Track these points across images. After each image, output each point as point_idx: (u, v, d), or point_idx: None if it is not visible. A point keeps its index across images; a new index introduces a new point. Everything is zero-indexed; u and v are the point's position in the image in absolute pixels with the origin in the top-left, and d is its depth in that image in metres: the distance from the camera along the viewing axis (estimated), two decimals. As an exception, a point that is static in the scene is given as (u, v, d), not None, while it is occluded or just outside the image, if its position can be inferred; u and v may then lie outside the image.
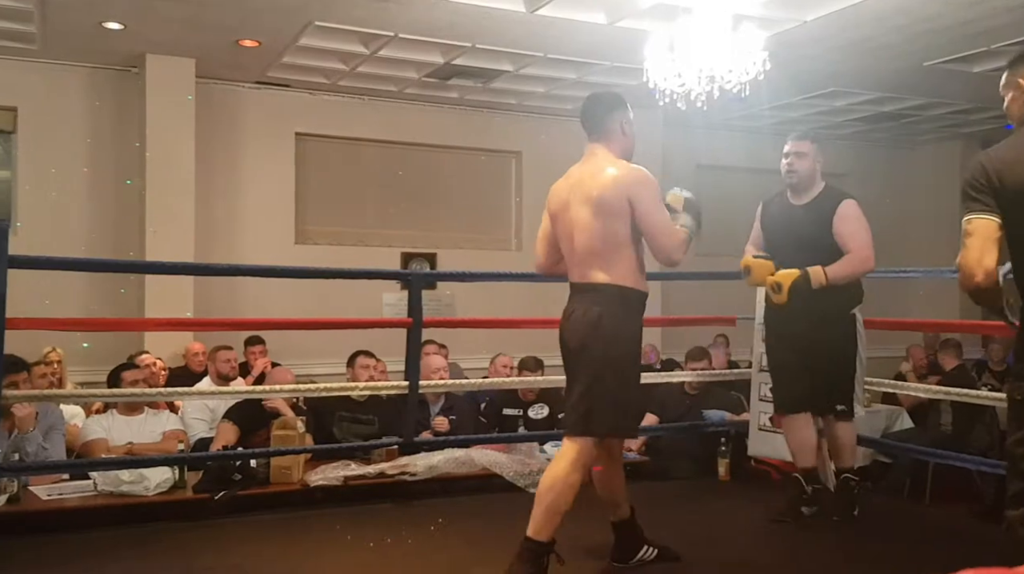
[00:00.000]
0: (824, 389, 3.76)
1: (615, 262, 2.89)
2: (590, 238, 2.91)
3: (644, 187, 2.89)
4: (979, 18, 5.08)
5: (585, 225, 2.91)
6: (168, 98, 6.28)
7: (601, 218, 2.87)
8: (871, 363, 7.25)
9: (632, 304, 2.94)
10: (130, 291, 6.26)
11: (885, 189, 9.21)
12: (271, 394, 4.32)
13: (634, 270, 2.93)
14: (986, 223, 2.17)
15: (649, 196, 2.89)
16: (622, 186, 2.87)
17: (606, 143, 2.98)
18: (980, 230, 2.17)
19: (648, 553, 3.16)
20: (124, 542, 3.43)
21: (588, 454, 2.89)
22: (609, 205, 2.86)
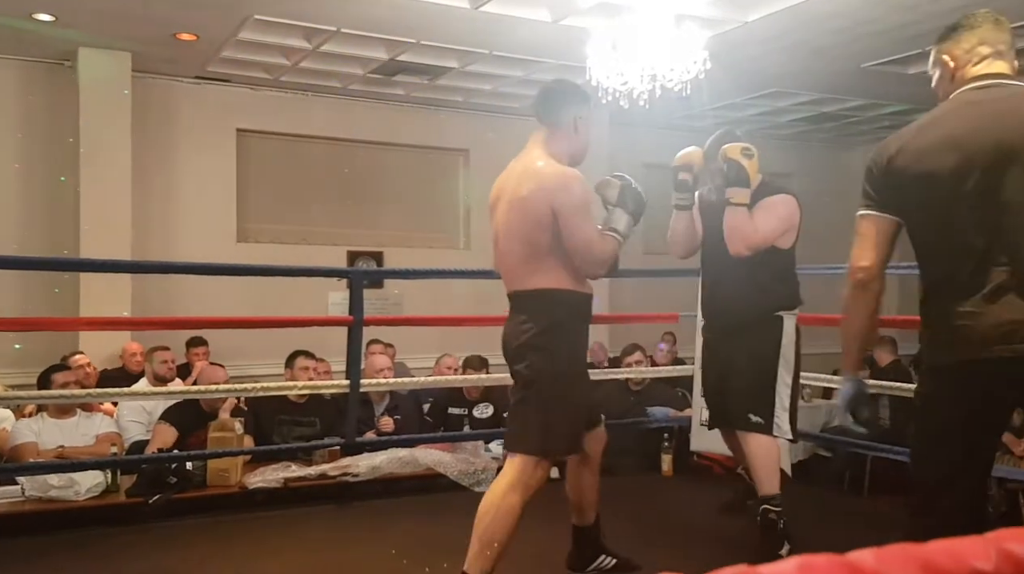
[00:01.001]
0: (737, 398, 3.40)
1: (548, 266, 2.66)
2: (517, 242, 2.68)
3: (569, 195, 2.61)
4: (914, 21, 5.18)
5: (511, 229, 2.69)
6: (103, 93, 6.12)
7: (526, 223, 2.64)
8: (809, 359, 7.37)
9: (573, 309, 2.72)
10: (65, 290, 6.08)
11: (826, 188, 9.36)
12: (207, 395, 4.22)
13: (571, 271, 2.69)
14: (874, 221, 2.07)
15: (573, 205, 2.60)
16: (545, 192, 2.61)
17: (551, 136, 2.73)
18: (866, 229, 2.09)
19: (606, 562, 3.03)
20: (54, 549, 3.33)
21: (529, 474, 2.62)
22: (532, 212, 2.62)
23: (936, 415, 2.03)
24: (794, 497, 4.42)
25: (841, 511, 4.36)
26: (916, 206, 2.02)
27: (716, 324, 3.52)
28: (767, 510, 3.27)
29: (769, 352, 3.36)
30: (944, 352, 2.00)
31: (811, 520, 3.98)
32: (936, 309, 2.03)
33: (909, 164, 2.00)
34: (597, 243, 2.68)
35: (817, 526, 3.89)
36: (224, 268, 5.05)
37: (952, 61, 2.09)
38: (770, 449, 3.33)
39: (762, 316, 3.36)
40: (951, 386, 2.00)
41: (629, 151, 7.98)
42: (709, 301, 3.57)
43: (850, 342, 2.17)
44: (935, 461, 2.02)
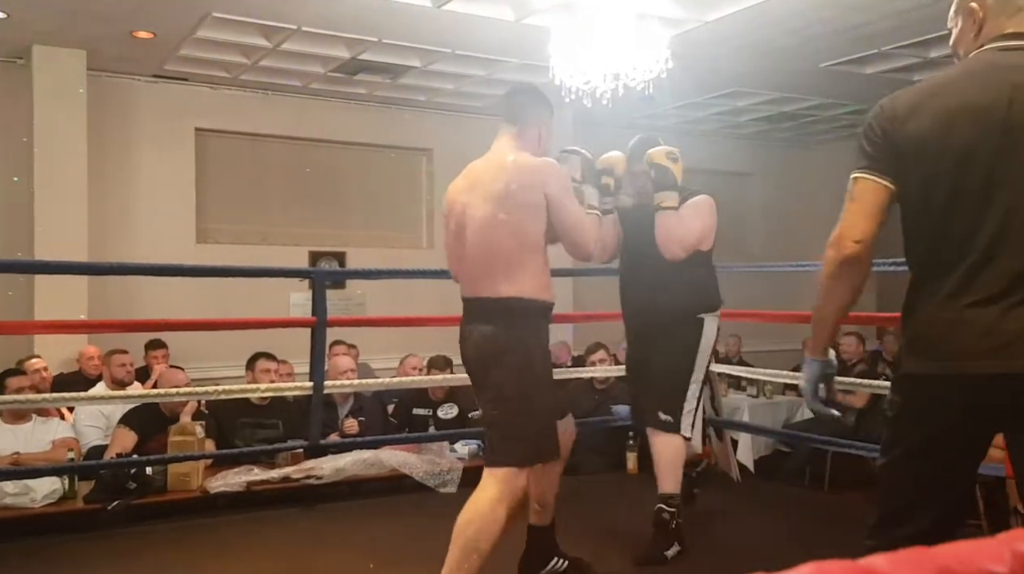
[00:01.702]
0: (650, 396, 3.41)
1: (519, 271, 2.59)
2: (492, 241, 2.59)
3: (557, 179, 2.64)
4: (870, 21, 5.26)
5: (486, 226, 2.59)
6: (57, 91, 5.99)
7: (508, 216, 2.55)
8: (770, 356, 7.46)
9: (538, 319, 2.67)
10: (18, 293, 5.94)
11: (786, 187, 9.51)
12: (167, 398, 4.15)
13: (540, 278, 2.64)
14: (872, 186, 1.79)
15: (563, 187, 2.65)
16: (536, 176, 2.59)
17: (518, 136, 2.70)
18: (862, 193, 1.80)
19: (559, 564, 2.99)
20: (8, 557, 3.27)
21: (511, 485, 2.58)
22: (519, 200, 2.56)
23: (910, 430, 1.81)
24: (756, 492, 4.50)
25: (803, 506, 4.41)
26: (918, 180, 1.75)
27: (637, 325, 3.50)
28: (662, 509, 3.27)
29: (687, 353, 3.36)
30: (923, 359, 1.77)
31: (774, 516, 4.04)
32: (920, 306, 1.79)
33: (919, 130, 1.73)
34: (587, 222, 2.73)
35: (780, 521, 3.94)
36: (183, 269, 4.96)
37: (981, 10, 1.80)
38: (677, 449, 3.34)
39: (684, 317, 3.36)
40: (929, 398, 1.76)
41: (592, 150, 8.00)
42: (631, 303, 3.52)
43: (825, 323, 1.90)
44: (908, 477, 1.82)
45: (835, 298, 1.86)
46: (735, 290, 5.20)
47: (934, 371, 1.74)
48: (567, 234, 2.65)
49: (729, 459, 4.56)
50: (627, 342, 3.65)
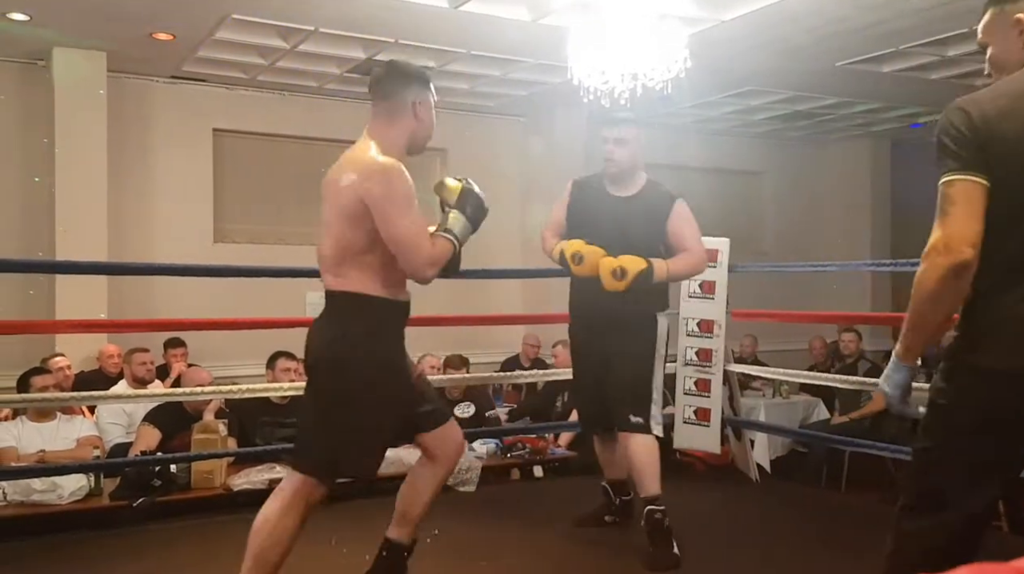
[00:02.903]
0: (617, 399, 3.33)
1: (358, 266, 2.40)
2: (331, 236, 2.42)
3: (383, 183, 2.34)
4: (888, 19, 5.26)
5: (328, 221, 2.43)
6: (78, 93, 6.04)
7: (340, 218, 2.38)
8: (784, 356, 7.46)
9: (379, 318, 2.45)
10: (39, 292, 6.01)
11: (799, 186, 9.50)
12: (191, 397, 4.20)
13: (378, 274, 2.42)
14: (972, 187, 1.75)
15: (388, 196, 2.33)
16: (358, 181, 2.35)
17: (388, 120, 2.49)
18: (965, 194, 1.75)
19: None
20: (37, 553, 3.31)
21: (305, 494, 2.43)
22: (346, 204, 2.36)
23: (970, 420, 1.82)
24: (773, 492, 4.51)
25: (819, 506, 4.42)
26: (1013, 179, 1.76)
27: (591, 323, 3.41)
28: (652, 511, 3.22)
29: (647, 352, 3.33)
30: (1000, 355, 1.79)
31: (789, 516, 4.05)
32: (998, 301, 1.79)
33: (1015, 131, 1.76)
34: (421, 239, 2.40)
35: (795, 521, 3.95)
36: (205, 270, 5.01)
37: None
38: (652, 449, 3.29)
39: (639, 316, 3.32)
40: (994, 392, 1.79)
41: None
42: (582, 301, 3.44)
43: (927, 330, 1.85)
44: (960, 467, 1.84)
45: (945, 305, 1.80)
46: (749, 290, 5.25)
47: (1012, 366, 1.77)
48: (393, 248, 2.38)
49: (747, 459, 4.58)
50: (576, 340, 3.54)
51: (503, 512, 3.78)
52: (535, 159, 7.65)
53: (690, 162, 8.59)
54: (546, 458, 4.76)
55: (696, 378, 4.43)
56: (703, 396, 4.40)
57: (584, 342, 3.47)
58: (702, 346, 4.41)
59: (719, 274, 4.39)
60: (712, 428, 4.36)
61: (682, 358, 4.50)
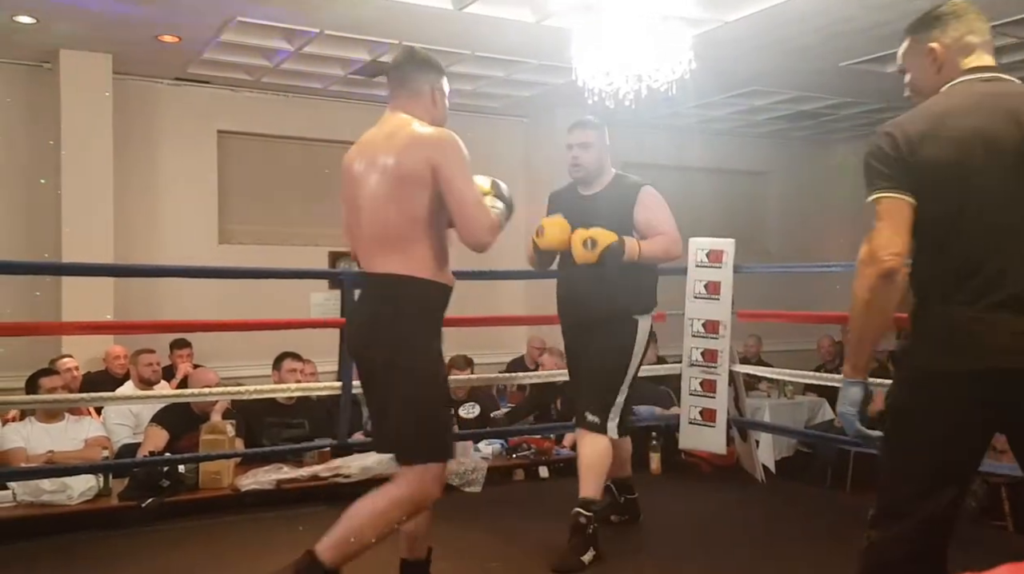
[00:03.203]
0: (582, 395, 3.34)
1: (411, 246, 2.37)
2: (380, 212, 2.38)
3: (452, 150, 2.37)
4: (892, 20, 5.25)
5: (375, 195, 2.39)
6: (84, 95, 6.06)
7: (396, 186, 2.35)
8: (788, 357, 7.46)
9: (433, 302, 2.45)
10: (45, 293, 6.03)
11: (803, 186, 9.51)
12: (200, 397, 4.22)
13: (435, 257, 2.41)
14: (898, 203, 1.87)
15: (457, 162, 2.36)
16: (423, 146, 2.36)
17: (410, 105, 2.50)
18: (891, 211, 1.87)
19: None
20: (47, 553, 3.33)
21: (429, 485, 2.39)
22: (407, 169, 2.35)
23: (923, 425, 1.87)
24: (778, 493, 4.52)
25: (825, 507, 4.42)
26: (942, 196, 1.87)
27: (573, 322, 3.42)
28: (579, 513, 3.16)
29: (622, 353, 3.29)
30: (947, 357, 1.85)
31: (795, 516, 4.06)
32: (942, 309, 1.87)
33: (939, 153, 1.86)
34: (484, 205, 2.44)
35: (801, 522, 3.96)
36: (210, 271, 5.03)
37: (941, 49, 1.98)
38: (601, 451, 3.23)
39: (617, 316, 3.29)
40: (945, 394, 1.85)
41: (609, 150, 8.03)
42: (566, 300, 3.44)
43: (865, 342, 1.94)
44: (914, 473, 1.88)
45: (877, 314, 1.89)
46: (752, 290, 5.26)
47: (958, 367, 1.83)
48: (457, 213, 2.37)
49: (753, 460, 4.59)
50: (564, 339, 3.54)
51: (511, 512, 3.79)
52: (538, 160, 7.66)
53: (694, 163, 8.60)
54: (551, 458, 4.77)
55: (702, 379, 4.44)
56: (709, 397, 4.41)
57: (569, 340, 3.48)
58: (708, 347, 4.42)
59: (724, 275, 4.41)
60: (718, 429, 4.37)
61: (687, 359, 4.51)
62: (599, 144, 3.40)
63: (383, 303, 2.41)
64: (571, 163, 3.40)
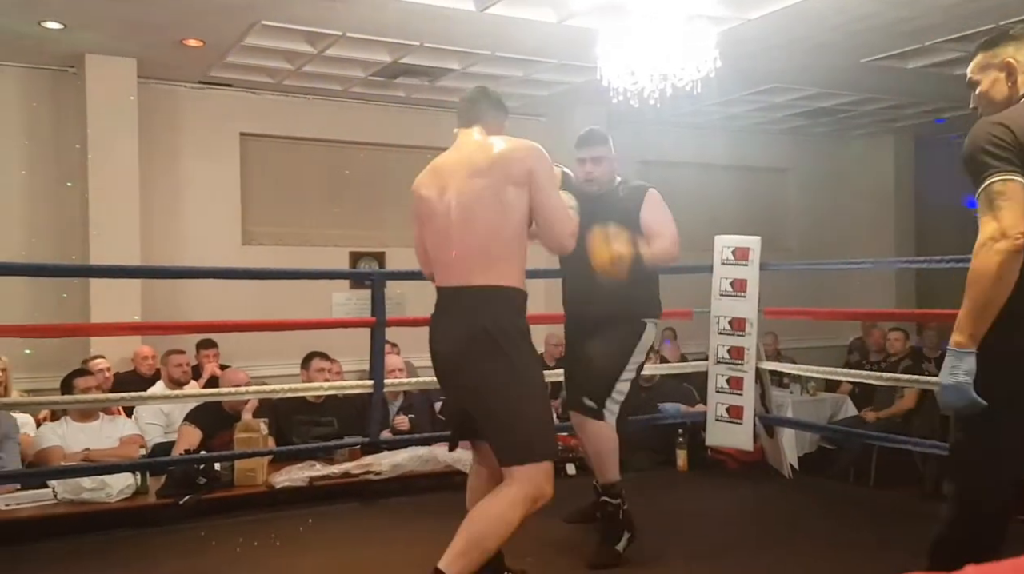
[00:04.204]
0: (578, 381, 3.35)
1: (505, 257, 2.50)
2: (480, 221, 2.49)
3: (544, 160, 2.57)
4: (913, 16, 5.27)
5: (473, 204, 2.49)
6: (109, 99, 6.13)
7: (500, 191, 2.47)
8: (813, 352, 7.44)
9: (523, 309, 2.59)
10: (73, 295, 6.10)
11: (823, 182, 9.50)
12: (235, 396, 4.27)
13: (521, 269, 2.56)
14: (1017, 186, 1.94)
15: (548, 171, 2.57)
16: (522, 154, 2.52)
17: (487, 130, 2.66)
18: (1013, 192, 1.93)
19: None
20: (88, 550, 3.39)
21: (536, 484, 2.46)
22: (509, 174, 2.49)
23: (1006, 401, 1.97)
24: (804, 489, 4.54)
25: (852, 503, 4.44)
26: None
27: (579, 321, 3.41)
28: (605, 502, 3.17)
29: (623, 351, 3.29)
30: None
31: (824, 512, 4.07)
32: None
33: None
34: (568, 213, 2.66)
35: (830, 518, 3.97)
36: (239, 272, 5.10)
37: (1018, 65, 2.15)
38: (605, 436, 3.22)
39: (626, 317, 3.31)
40: None
41: (628, 148, 8.03)
42: (572, 299, 3.46)
43: (989, 314, 1.97)
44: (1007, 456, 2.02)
45: (1004, 288, 1.96)
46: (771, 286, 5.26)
47: None
48: (546, 221, 2.55)
49: (780, 456, 4.60)
50: (566, 338, 3.56)
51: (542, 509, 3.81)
52: (555, 158, 7.67)
53: (714, 160, 8.61)
54: (578, 455, 4.80)
55: (728, 376, 4.46)
56: (736, 394, 4.43)
57: (571, 336, 3.49)
58: (734, 344, 4.44)
59: (751, 272, 4.43)
60: (745, 425, 4.39)
61: (714, 356, 4.53)
62: (609, 156, 3.43)
63: (483, 316, 2.50)
64: (584, 177, 3.39)
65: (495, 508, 2.42)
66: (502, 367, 2.47)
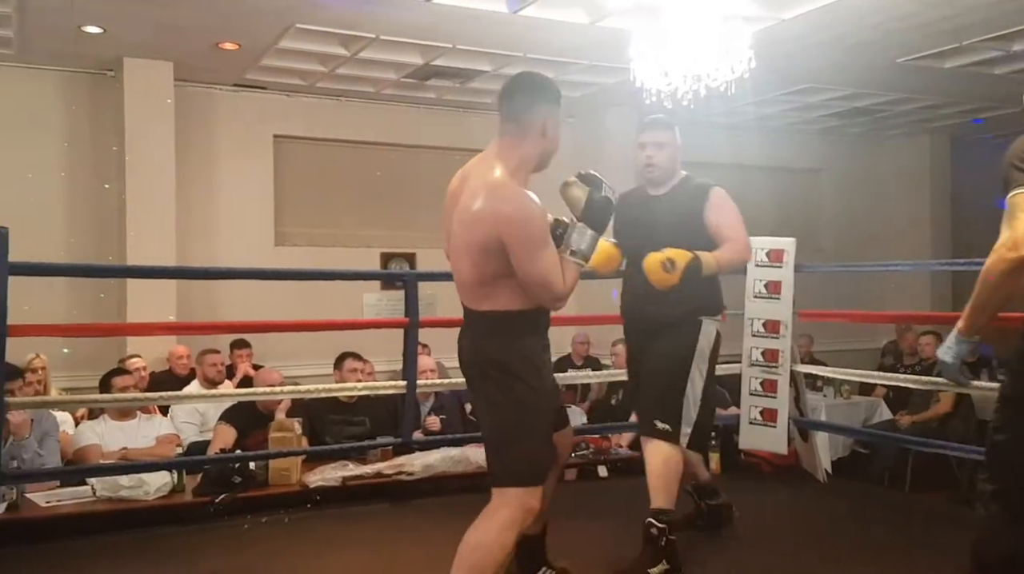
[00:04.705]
0: (646, 402, 3.23)
1: (499, 288, 2.40)
2: (467, 262, 2.41)
3: (522, 227, 2.30)
4: (952, 15, 5.20)
5: (460, 246, 2.42)
6: (147, 101, 6.22)
7: (473, 247, 2.36)
8: (847, 355, 7.35)
9: (527, 329, 2.48)
10: (110, 295, 6.20)
11: (857, 183, 9.40)
12: (269, 396, 4.31)
13: (519, 293, 2.41)
14: None
15: (528, 239, 2.30)
16: (493, 221, 2.31)
17: (516, 138, 2.44)
18: None
19: None
20: (126, 547, 3.43)
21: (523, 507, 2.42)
22: (481, 236, 2.33)
23: None
24: (839, 493, 4.49)
25: (889, 507, 4.38)
26: None
27: (637, 327, 3.33)
28: (651, 524, 3.04)
29: (682, 355, 3.16)
30: None
31: (861, 517, 4.02)
32: None
33: None
34: (555, 278, 2.37)
35: (868, 523, 3.93)
36: (275, 273, 5.17)
37: None
38: (670, 459, 3.10)
39: (681, 319, 3.17)
40: None
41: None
42: (631, 305, 3.36)
43: (986, 313, 2.15)
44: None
45: (1004, 293, 2.10)
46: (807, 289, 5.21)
47: None
48: (526, 288, 2.37)
49: (814, 460, 4.55)
50: (627, 344, 3.50)
51: (576, 511, 3.81)
52: (586, 160, 7.61)
53: (749, 160, 8.53)
54: (609, 458, 4.79)
55: (762, 379, 4.42)
56: (769, 397, 4.39)
57: (632, 345, 3.43)
58: (768, 346, 4.40)
59: (785, 274, 4.38)
60: (779, 429, 4.35)
61: (747, 359, 4.49)
62: (673, 144, 3.31)
63: (481, 341, 2.48)
64: (644, 163, 3.30)
65: (490, 534, 2.39)
66: (500, 394, 2.43)
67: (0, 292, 3.13)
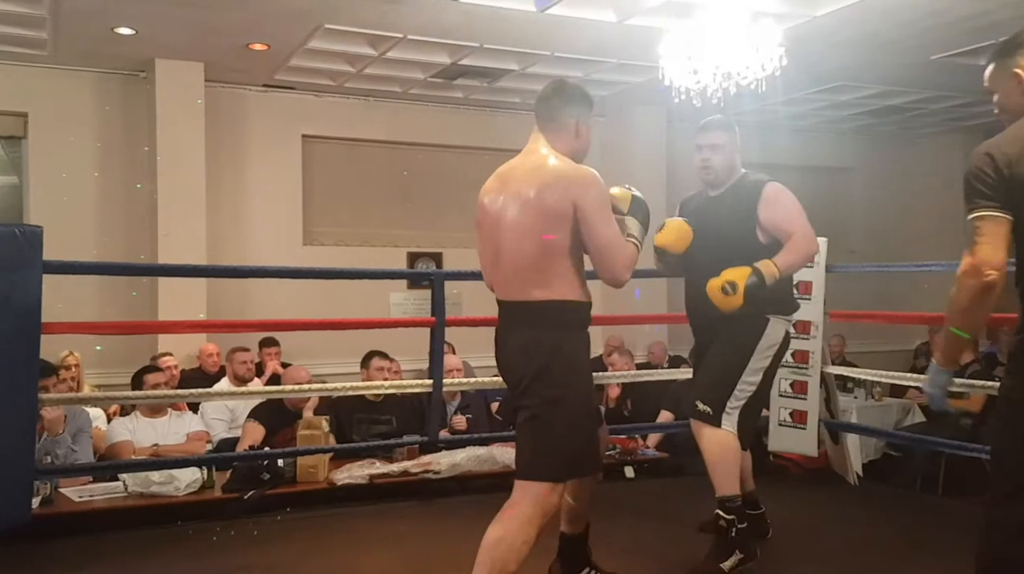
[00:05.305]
0: (695, 385, 3.21)
1: (557, 274, 2.45)
2: (522, 245, 2.46)
3: (592, 189, 2.44)
4: (986, 11, 5.11)
5: (516, 229, 2.47)
6: (178, 102, 6.29)
7: (542, 222, 2.42)
8: (879, 357, 7.25)
9: (579, 323, 2.53)
10: (142, 293, 6.27)
11: (888, 182, 9.28)
12: (297, 393, 4.34)
13: (576, 281, 2.49)
14: (997, 222, 2.03)
15: (598, 201, 2.44)
16: (565, 185, 2.43)
17: (552, 138, 2.56)
18: (991, 228, 2.03)
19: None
20: (157, 542, 3.47)
21: (545, 504, 2.43)
22: (549, 207, 2.42)
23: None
24: (870, 496, 4.43)
25: (921, 511, 4.32)
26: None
27: (703, 322, 3.26)
28: (718, 515, 3.00)
29: (742, 348, 3.09)
30: None
31: (892, 520, 3.97)
32: None
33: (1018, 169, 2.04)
34: (623, 245, 2.50)
35: (900, 527, 3.87)
36: (301, 272, 5.21)
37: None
38: (724, 444, 3.02)
39: (746, 316, 3.06)
40: None
41: (689, 148, 7.96)
42: (695, 302, 3.25)
43: (958, 343, 2.18)
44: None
45: (972, 320, 2.14)
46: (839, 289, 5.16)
47: None
48: (596, 254, 2.46)
49: (845, 462, 4.50)
50: (694, 339, 3.43)
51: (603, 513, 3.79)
52: (615, 159, 7.63)
53: (779, 159, 8.44)
54: (636, 458, 4.77)
55: (792, 380, 4.37)
56: (800, 398, 4.35)
57: (698, 340, 3.36)
58: (799, 347, 4.34)
59: (816, 274, 4.33)
60: (809, 431, 4.30)
61: (778, 359, 4.44)
62: (729, 145, 3.26)
63: (533, 332, 2.48)
64: (700, 165, 3.27)
65: (513, 530, 2.40)
66: (556, 391, 2.44)
67: (35, 290, 3.17)
